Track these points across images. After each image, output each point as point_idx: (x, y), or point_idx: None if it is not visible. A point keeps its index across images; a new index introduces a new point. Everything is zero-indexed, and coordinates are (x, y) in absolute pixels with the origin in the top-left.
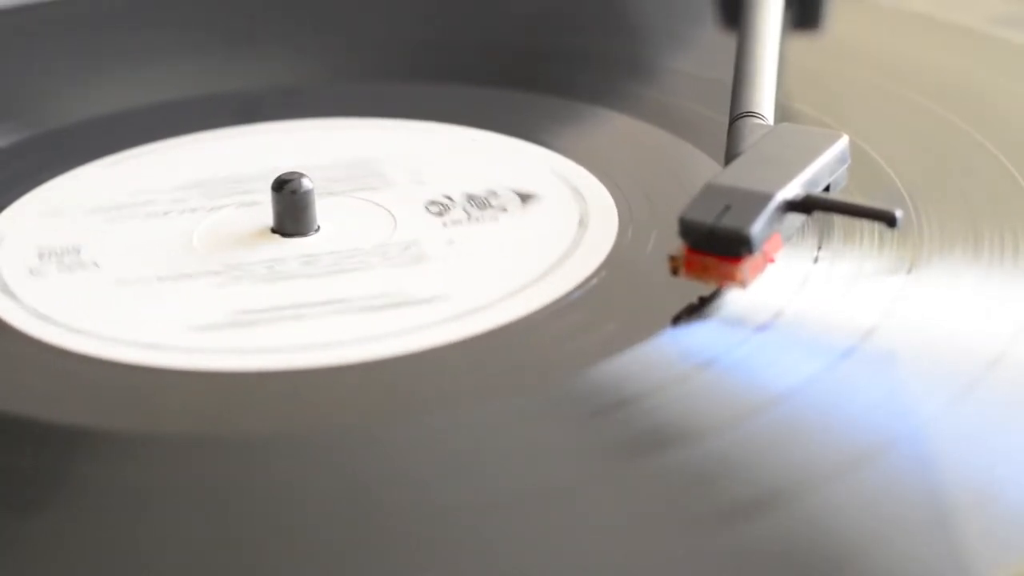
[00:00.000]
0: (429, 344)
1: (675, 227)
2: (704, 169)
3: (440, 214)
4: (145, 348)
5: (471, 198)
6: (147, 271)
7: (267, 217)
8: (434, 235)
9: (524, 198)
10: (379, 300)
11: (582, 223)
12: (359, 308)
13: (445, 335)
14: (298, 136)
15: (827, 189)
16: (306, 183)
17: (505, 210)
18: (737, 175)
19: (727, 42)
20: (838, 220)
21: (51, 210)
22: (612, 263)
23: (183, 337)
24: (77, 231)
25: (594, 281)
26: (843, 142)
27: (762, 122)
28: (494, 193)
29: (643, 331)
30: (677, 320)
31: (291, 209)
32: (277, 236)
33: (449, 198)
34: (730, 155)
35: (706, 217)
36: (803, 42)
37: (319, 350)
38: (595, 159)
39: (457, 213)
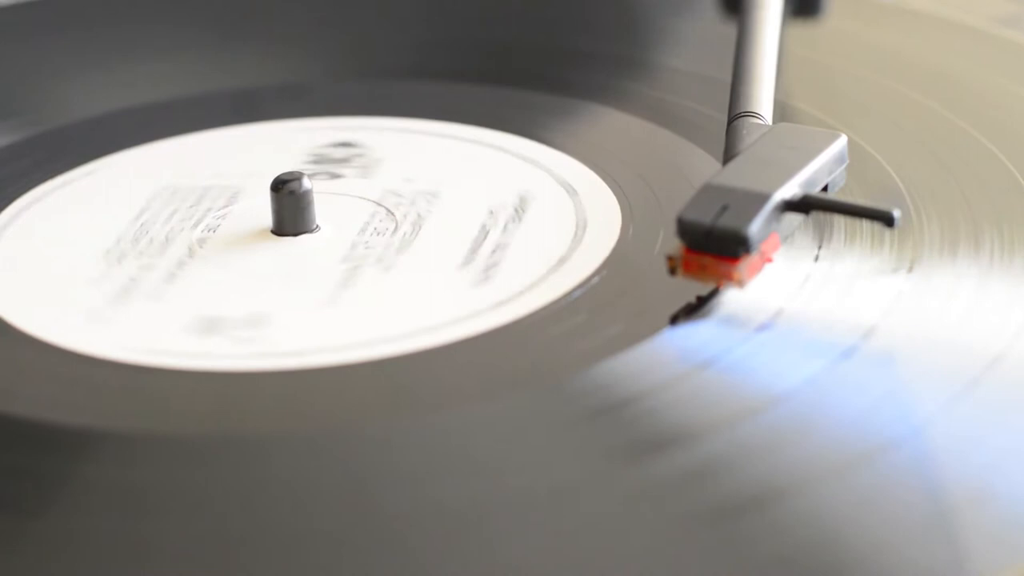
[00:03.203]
0: (429, 344)
1: (675, 227)
2: (705, 168)
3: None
4: (144, 348)
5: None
6: (147, 271)
7: (267, 217)
8: (434, 234)
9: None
10: (378, 300)
11: (582, 223)
12: (359, 308)
13: (445, 335)
14: (298, 136)
15: (825, 189)
16: (305, 183)
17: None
18: (735, 175)
19: (727, 40)
20: (838, 220)
21: (50, 210)
22: (612, 263)
23: (182, 337)
24: (76, 231)
25: (594, 281)
26: (841, 142)
27: (760, 122)
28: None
29: (643, 331)
30: (676, 320)
31: (290, 209)
32: (276, 236)
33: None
34: (728, 155)
35: (704, 217)
36: (802, 41)
37: (319, 350)
38: (596, 158)
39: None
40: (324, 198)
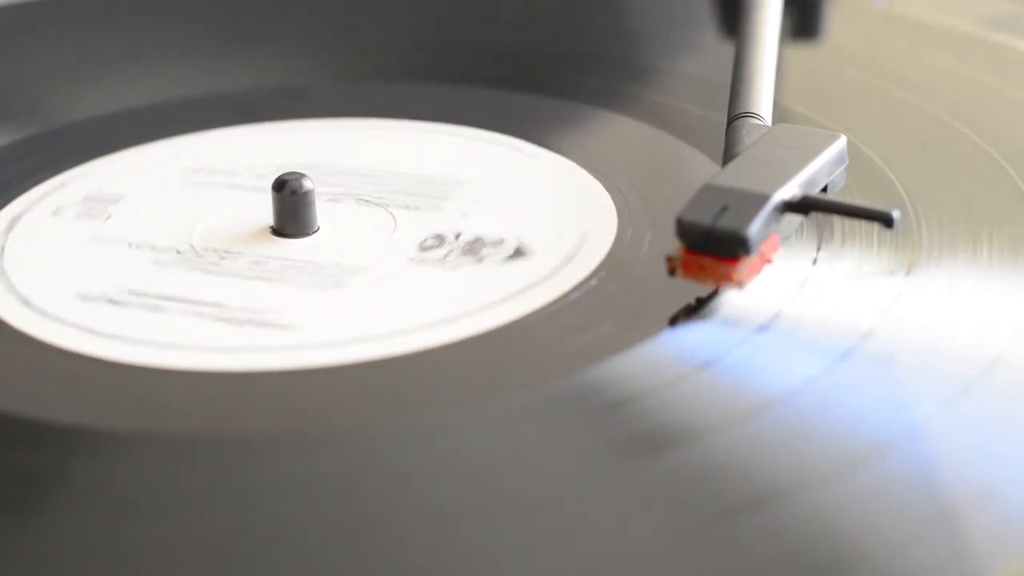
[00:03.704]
0: (428, 344)
1: (674, 228)
2: (703, 170)
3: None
4: (143, 348)
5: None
6: (146, 270)
7: (267, 217)
8: (434, 235)
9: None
10: (377, 300)
11: (581, 223)
12: (358, 308)
13: (444, 335)
14: (298, 136)
15: (825, 190)
16: (306, 183)
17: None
18: (734, 176)
19: (726, 43)
20: (837, 221)
21: (52, 209)
22: (611, 264)
23: (181, 337)
24: (76, 230)
25: (593, 282)
26: (841, 143)
27: (760, 123)
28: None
29: (642, 332)
30: (675, 321)
31: (291, 209)
32: (277, 236)
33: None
34: (728, 156)
35: (703, 218)
36: (801, 44)
37: (318, 350)
38: (594, 160)
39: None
40: (324, 199)
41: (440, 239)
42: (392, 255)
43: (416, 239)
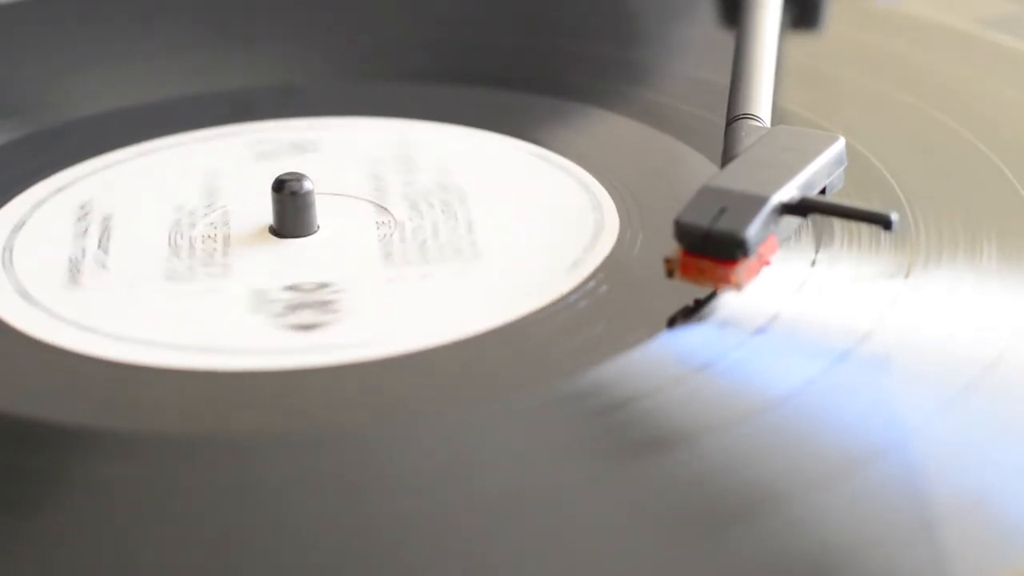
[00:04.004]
0: (428, 344)
1: (672, 229)
2: (702, 171)
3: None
4: (142, 347)
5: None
6: (146, 270)
7: (267, 217)
8: (434, 235)
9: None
10: (377, 300)
11: (582, 225)
12: (358, 308)
13: (444, 336)
14: (298, 135)
15: (823, 192)
16: (306, 184)
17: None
18: (733, 177)
19: (726, 44)
20: (837, 223)
21: (51, 208)
22: (609, 266)
23: (180, 336)
24: (77, 229)
25: (592, 283)
26: (840, 144)
27: (759, 124)
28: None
29: (640, 334)
30: (673, 323)
31: (291, 209)
32: (276, 237)
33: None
34: (726, 157)
35: (701, 220)
36: (800, 44)
37: (318, 350)
38: (595, 161)
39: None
40: (325, 199)
41: (439, 238)
42: (391, 255)
43: (415, 239)
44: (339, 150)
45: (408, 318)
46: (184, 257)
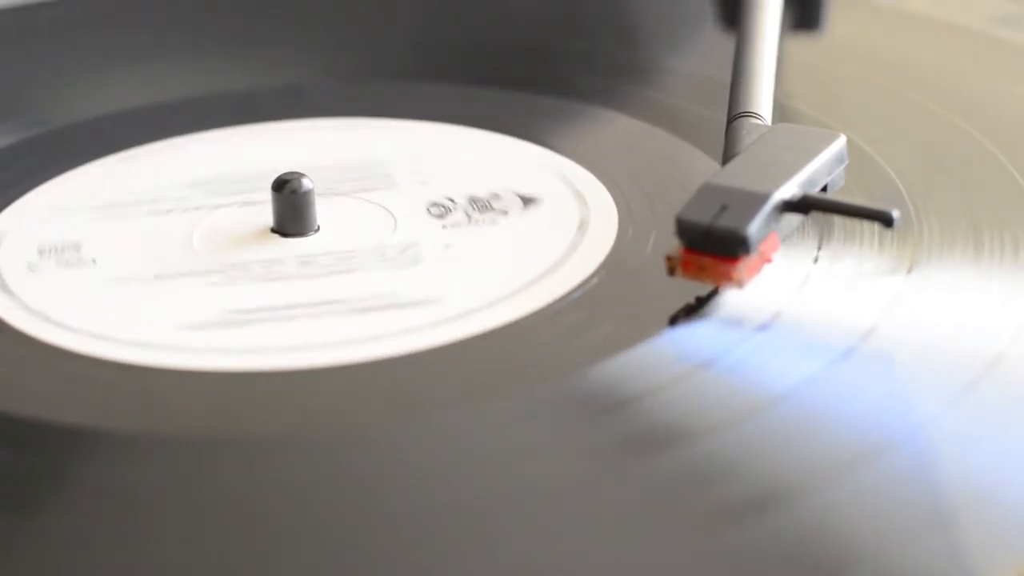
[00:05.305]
0: (428, 345)
1: (674, 227)
2: (704, 169)
3: (441, 216)
4: (141, 347)
5: (473, 200)
6: (146, 270)
7: (268, 217)
8: (434, 236)
9: (526, 201)
10: (377, 301)
11: (582, 223)
12: (357, 309)
13: (444, 336)
14: (299, 136)
15: (825, 189)
16: (306, 183)
17: (506, 212)
18: (734, 175)
19: (726, 42)
20: (838, 220)
21: (52, 207)
22: (612, 263)
23: (179, 336)
24: (77, 229)
25: (594, 281)
26: (841, 142)
27: (760, 122)
28: (496, 195)
29: (642, 332)
30: (675, 320)
31: (291, 209)
32: (277, 236)
33: (451, 200)
34: (728, 155)
35: (703, 217)
36: (801, 42)
37: (318, 351)
38: (595, 159)
39: (458, 215)
40: (325, 199)
41: (437, 238)
42: (390, 255)
43: (416, 238)
44: (340, 150)
45: (407, 318)
46: (183, 256)
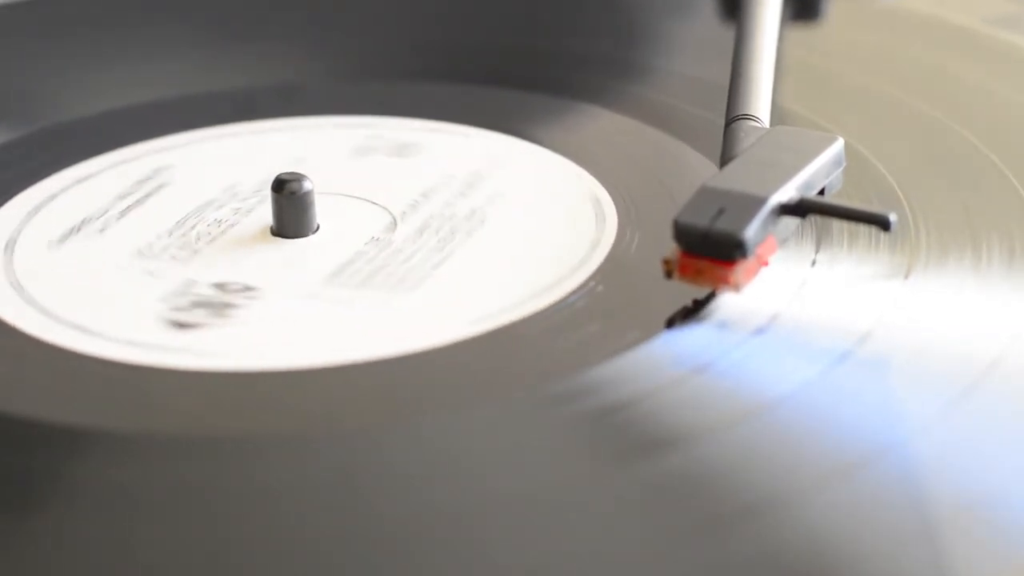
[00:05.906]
0: (427, 345)
1: (671, 230)
2: (703, 171)
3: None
4: (140, 347)
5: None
6: (144, 268)
7: (267, 217)
8: (434, 236)
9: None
10: (377, 301)
11: (580, 225)
12: (357, 309)
13: (441, 337)
14: (299, 135)
15: (822, 192)
16: (306, 184)
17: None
18: (732, 178)
19: (726, 43)
20: (836, 224)
21: (52, 207)
22: (608, 266)
23: (179, 336)
24: (77, 228)
25: (591, 284)
26: (838, 145)
27: (758, 124)
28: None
29: (639, 335)
30: (672, 323)
31: (291, 210)
32: (277, 237)
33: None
34: (725, 158)
35: (700, 220)
36: (800, 44)
37: (318, 351)
38: (594, 160)
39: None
40: (325, 199)
41: (437, 238)
42: (389, 255)
43: (415, 239)
44: (340, 150)
45: (407, 319)
46: (183, 256)
